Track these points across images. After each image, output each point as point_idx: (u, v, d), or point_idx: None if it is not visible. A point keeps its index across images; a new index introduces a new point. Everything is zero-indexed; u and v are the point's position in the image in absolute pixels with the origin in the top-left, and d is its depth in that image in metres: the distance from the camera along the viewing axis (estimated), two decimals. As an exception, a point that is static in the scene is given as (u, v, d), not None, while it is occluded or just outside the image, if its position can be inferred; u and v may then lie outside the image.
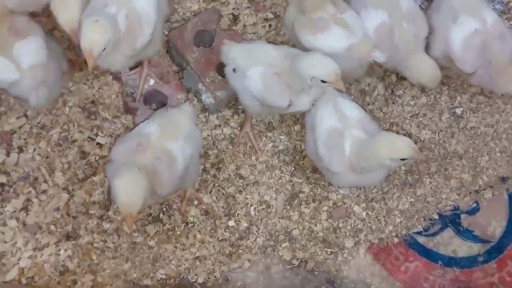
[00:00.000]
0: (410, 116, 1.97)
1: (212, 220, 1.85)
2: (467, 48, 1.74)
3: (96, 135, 1.88)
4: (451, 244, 1.89)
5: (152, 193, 1.55)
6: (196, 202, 1.86)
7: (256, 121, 1.95)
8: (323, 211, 1.89)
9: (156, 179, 1.55)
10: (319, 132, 1.71)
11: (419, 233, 1.90)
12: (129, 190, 1.46)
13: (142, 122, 1.68)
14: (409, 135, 1.93)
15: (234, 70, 1.72)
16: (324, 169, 1.75)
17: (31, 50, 1.63)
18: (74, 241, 1.79)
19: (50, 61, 1.66)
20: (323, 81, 1.62)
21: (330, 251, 1.86)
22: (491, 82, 1.78)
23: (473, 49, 1.74)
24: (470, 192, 1.93)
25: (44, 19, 1.83)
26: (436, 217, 1.90)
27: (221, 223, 1.85)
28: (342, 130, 1.68)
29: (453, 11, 1.78)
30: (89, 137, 1.88)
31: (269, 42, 1.86)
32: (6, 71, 1.61)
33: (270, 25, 2.02)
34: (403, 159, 1.61)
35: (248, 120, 1.91)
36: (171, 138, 1.61)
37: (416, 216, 1.89)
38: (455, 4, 1.78)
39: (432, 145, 1.95)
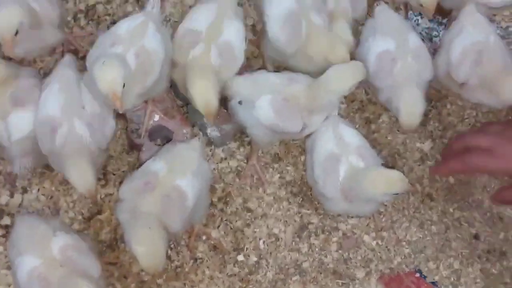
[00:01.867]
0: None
1: (221, 256, 1.82)
2: (464, 57, 1.73)
3: (101, 173, 1.86)
4: (463, 272, 1.87)
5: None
6: (204, 238, 1.83)
7: (262, 152, 1.93)
8: (333, 242, 1.86)
9: (167, 218, 1.54)
10: (316, 155, 1.72)
11: (430, 261, 1.88)
12: (152, 253, 1.45)
13: (149, 159, 1.67)
14: (412, 167, 1.93)
15: (240, 102, 1.72)
16: (319, 193, 1.75)
17: (24, 121, 1.62)
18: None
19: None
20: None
21: (342, 283, 1.83)
22: (485, 94, 1.76)
23: (469, 59, 1.73)
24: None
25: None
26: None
27: (230, 258, 1.82)
28: (339, 155, 1.68)
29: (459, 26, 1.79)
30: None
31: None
32: None
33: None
34: (395, 194, 1.61)
35: (254, 152, 1.89)
36: (179, 174, 1.60)
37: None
38: (461, 19, 1.79)
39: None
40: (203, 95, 1.61)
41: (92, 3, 2.05)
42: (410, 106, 1.72)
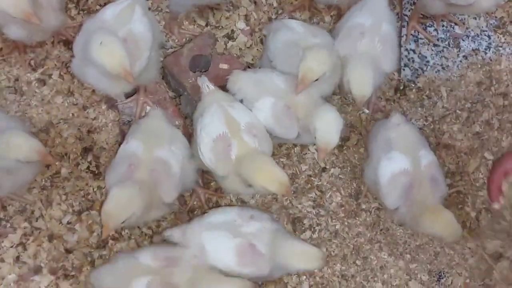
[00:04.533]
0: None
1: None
2: (393, 185, 1.65)
3: (94, 165, 1.85)
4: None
5: (160, 204, 1.57)
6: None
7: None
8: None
9: (159, 190, 1.56)
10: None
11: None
12: (119, 203, 1.46)
13: (122, 144, 1.65)
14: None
15: (241, 101, 1.71)
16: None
17: None
18: (72, 280, 1.75)
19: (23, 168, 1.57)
20: None
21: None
22: (413, 221, 1.67)
23: (398, 187, 1.65)
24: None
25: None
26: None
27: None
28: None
29: (388, 144, 1.69)
30: (87, 168, 1.85)
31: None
32: None
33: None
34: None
35: None
36: (156, 146, 1.60)
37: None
38: (392, 138, 1.69)
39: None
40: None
41: (83, -7, 2.03)
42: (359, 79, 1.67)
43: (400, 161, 1.65)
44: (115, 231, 1.76)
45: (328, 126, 1.61)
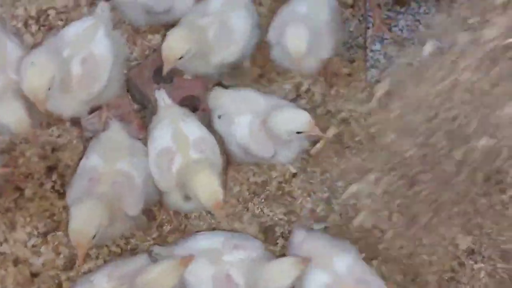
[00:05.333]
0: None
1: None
2: None
3: (59, 184, 1.83)
4: None
5: (124, 218, 1.56)
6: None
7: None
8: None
9: (121, 203, 1.54)
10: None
11: None
12: (82, 219, 1.44)
13: (82, 160, 1.64)
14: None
15: (219, 116, 1.72)
16: None
17: None
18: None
19: None
20: (298, 132, 1.65)
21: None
22: None
23: None
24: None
25: None
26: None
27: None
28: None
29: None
30: (52, 188, 1.82)
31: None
32: None
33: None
34: None
35: (231, 162, 1.86)
36: (117, 159, 1.59)
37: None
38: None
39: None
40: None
41: (43, 8, 1.99)
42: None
43: (320, 277, 1.56)
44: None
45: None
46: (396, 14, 2.08)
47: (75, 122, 1.85)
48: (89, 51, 1.60)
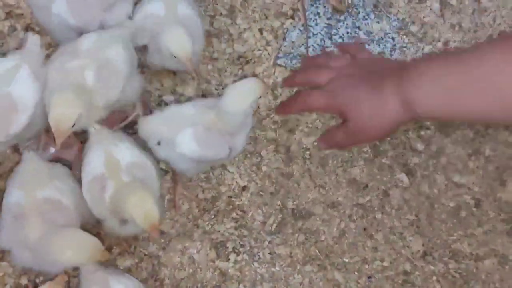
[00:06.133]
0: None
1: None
2: None
3: None
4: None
5: None
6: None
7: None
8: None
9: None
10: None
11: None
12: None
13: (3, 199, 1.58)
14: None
15: (158, 143, 1.66)
16: None
17: None
18: None
19: None
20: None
21: None
22: None
23: None
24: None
25: None
26: None
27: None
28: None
29: None
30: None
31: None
32: None
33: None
34: None
35: (178, 182, 1.84)
36: (38, 189, 1.55)
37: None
38: None
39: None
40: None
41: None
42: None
43: None
44: (28, 280, 1.69)
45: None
46: (336, 22, 2.09)
47: (15, 149, 1.81)
48: (7, 93, 1.55)
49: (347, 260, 1.89)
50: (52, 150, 1.78)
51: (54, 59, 1.62)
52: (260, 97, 1.65)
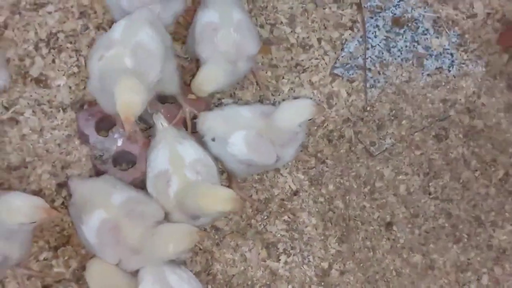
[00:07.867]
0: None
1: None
2: None
3: (69, 200, 1.83)
4: None
5: None
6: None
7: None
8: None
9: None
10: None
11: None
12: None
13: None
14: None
15: (213, 139, 1.75)
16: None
17: None
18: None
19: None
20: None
21: None
22: None
23: None
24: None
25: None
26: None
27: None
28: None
29: None
30: (62, 204, 1.86)
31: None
32: None
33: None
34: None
35: (233, 181, 1.91)
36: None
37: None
38: None
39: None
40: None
41: (53, 32, 2.06)
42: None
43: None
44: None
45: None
46: (395, 35, 2.13)
47: (84, 140, 1.91)
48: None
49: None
50: (120, 142, 1.87)
51: (93, 52, 1.68)
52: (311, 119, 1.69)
